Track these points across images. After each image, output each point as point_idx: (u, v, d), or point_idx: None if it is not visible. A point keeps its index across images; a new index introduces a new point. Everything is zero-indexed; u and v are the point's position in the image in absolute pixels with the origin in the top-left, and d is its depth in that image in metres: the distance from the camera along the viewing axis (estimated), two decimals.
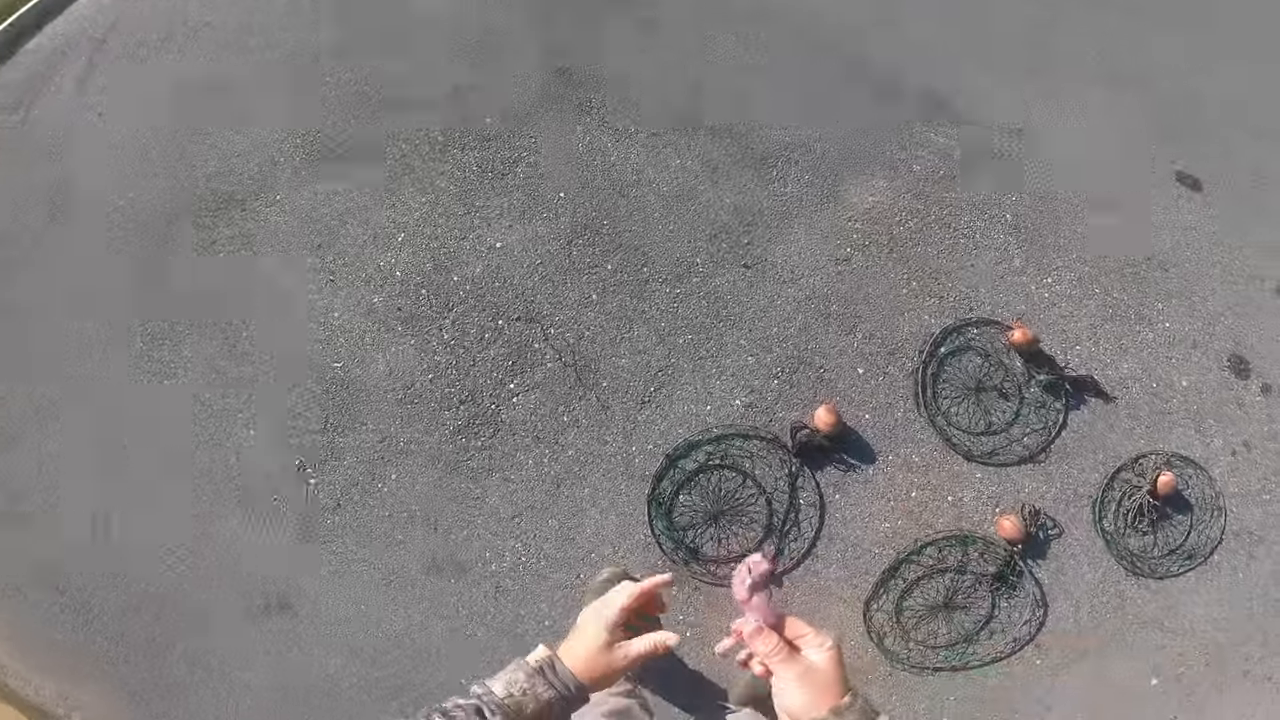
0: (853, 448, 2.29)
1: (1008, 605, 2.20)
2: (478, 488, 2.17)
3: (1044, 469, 2.28)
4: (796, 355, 2.34)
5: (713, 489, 2.21)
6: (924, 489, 2.27)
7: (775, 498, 2.22)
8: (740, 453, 2.24)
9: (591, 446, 2.21)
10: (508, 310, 2.30)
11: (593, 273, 2.36)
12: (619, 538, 2.18)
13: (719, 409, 2.29)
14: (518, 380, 2.26)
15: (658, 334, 2.32)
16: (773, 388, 2.31)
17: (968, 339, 2.33)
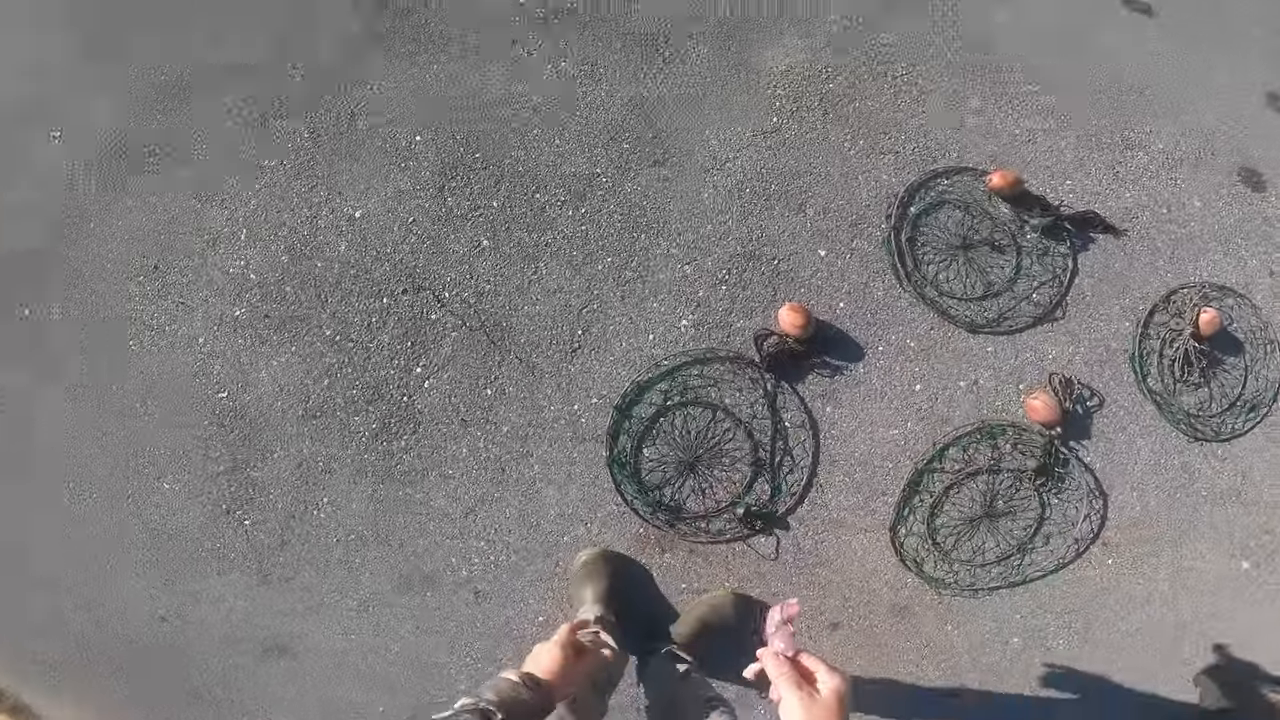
0: (833, 346, 1.84)
1: (1059, 502, 1.82)
2: (418, 492, 1.87)
3: (1065, 327, 1.83)
4: (742, 251, 1.85)
5: (679, 433, 1.83)
6: (929, 379, 1.83)
7: (755, 427, 1.83)
8: (701, 382, 1.83)
9: (527, 416, 1.85)
10: (389, 285, 1.87)
11: (477, 216, 1.87)
12: (588, 512, 1.86)
13: (664, 336, 1.85)
14: (424, 362, 1.87)
15: (570, 266, 1.86)
16: (721, 296, 1.85)
17: (939, 192, 1.83)
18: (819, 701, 0.79)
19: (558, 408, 1.85)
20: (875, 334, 1.88)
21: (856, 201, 1.89)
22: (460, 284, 1.86)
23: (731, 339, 1.86)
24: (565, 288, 1.86)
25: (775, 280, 1.88)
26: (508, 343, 1.85)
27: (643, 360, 1.86)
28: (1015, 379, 1.86)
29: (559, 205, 1.88)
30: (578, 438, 1.84)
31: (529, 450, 1.84)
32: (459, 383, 1.85)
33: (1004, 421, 1.83)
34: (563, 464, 1.84)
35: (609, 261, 1.87)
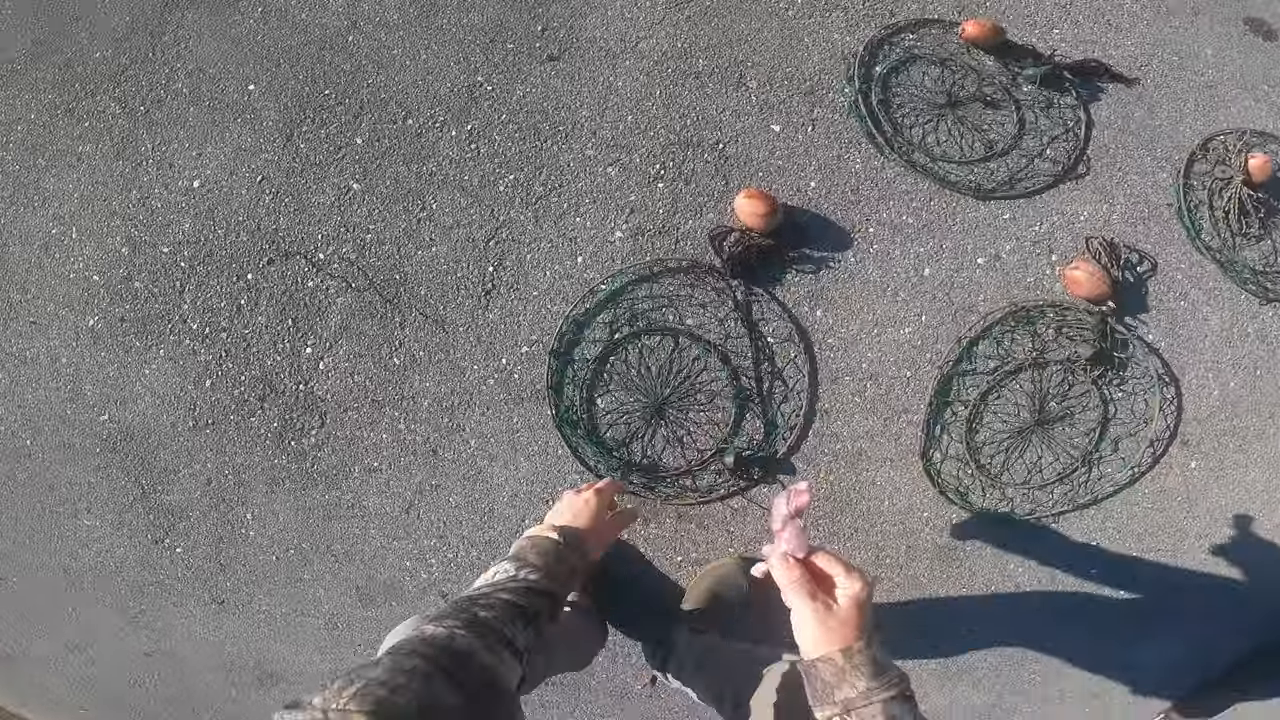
0: (811, 235, 1.40)
1: (1124, 395, 1.39)
2: (345, 493, 1.54)
3: (1093, 184, 1.42)
4: (676, 139, 1.41)
5: (638, 373, 1.42)
6: (939, 259, 1.38)
7: (731, 349, 1.40)
8: (653, 304, 1.40)
9: (448, 383, 1.47)
10: (251, 258, 1.48)
11: (340, 158, 1.46)
12: (546, 488, 1.50)
13: (595, 255, 1.42)
14: (312, 340, 1.49)
15: (465, 193, 1.43)
16: (659, 196, 1.40)
17: (906, 48, 1.42)
18: (835, 612, 0.64)
19: (482, 366, 1.46)
20: (861, 214, 1.43)
21: (806, 67, 1.44)
22: (335, 239, 1.46)
23: (681, 245, 1.42)
24: (463, 220, 1.44)
25: (724, 167, 1.41)
26: (406, 298, 1.46)
27: (574, 289, 1.43)
28: (1045, 248, 1.43)
29: (438, 128, 1.45)
30: (514, 399, 1.46)
31: (459, 424, 1.47)
32: (359, 357, 1.48)
33: (1041, 302, 1.39)
34: (503, 434, 1.47)
35: (511, 180, 1.43)
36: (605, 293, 1.41)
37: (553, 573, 0.76)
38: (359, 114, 1.48)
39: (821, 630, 0.63)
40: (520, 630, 0.68)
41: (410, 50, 1.48)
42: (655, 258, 1.43)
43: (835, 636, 0.63)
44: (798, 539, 0.69)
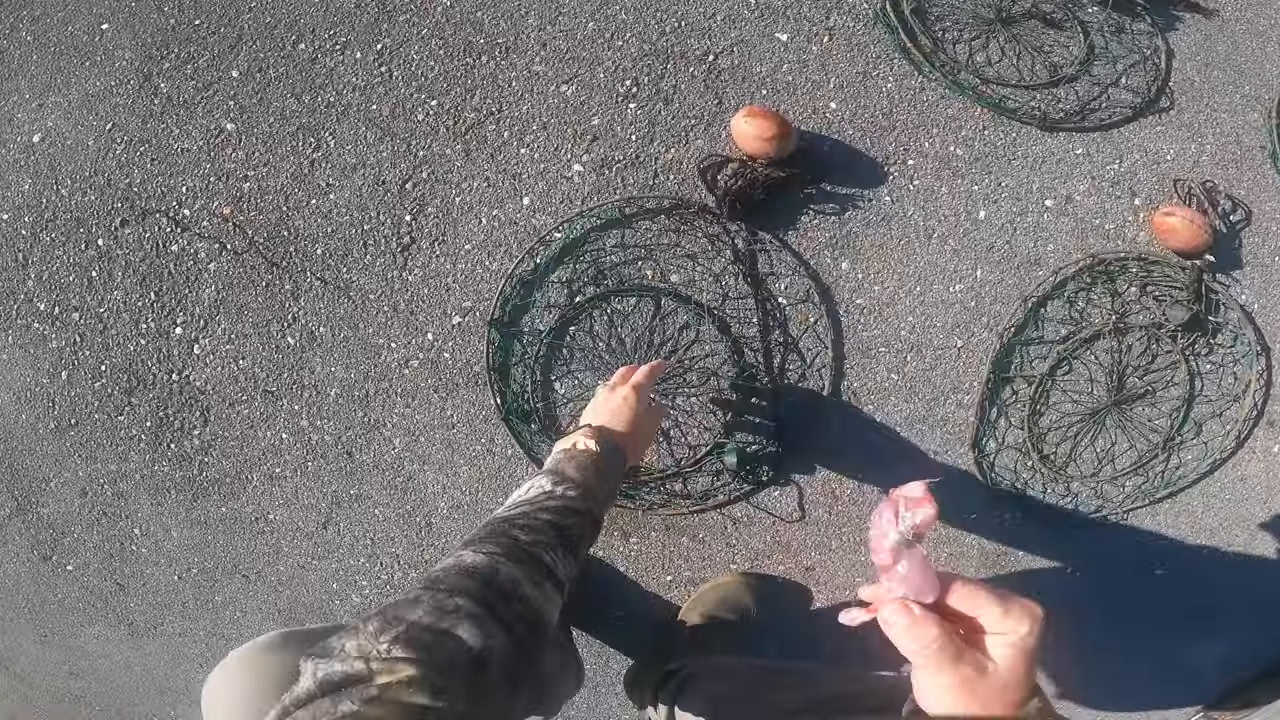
0: (834, 167, 1.02)
1: (1212, 367, 1.09)
2: (247, 505, 1.21)
3: (1178, 119, 1.09)
4: (651, 49, 1.05)
5: (607, 346, 1.06)
6: (997, 200, 1.04)
7: (731, 313, 1.03)
8: (625, 255, 1.03)
9: (359, 367, 1.11)
10: (102, 219, 1.11)
11: (210, 96, 1.09)
12: (494, 495, 1.17)
13: (547, 195, 1.05)
14: (183, 317, 1.13)
15: (374, 126, 1.05)
16: (631, 119, 1.04)
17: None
18: (993, 675, 0.38)
19: (402, 344, 1.09)
20: (898, 143, 1.06)
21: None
22: (204, 192, 1.08)
23: (661, 181, 1.03)
24: (370, 158, 1.05)
25: (716, 84, 1.02)
26: (298, 260, 1.08)
27: (519, 239, 1.06)
28: (1126, 190, 1.09)
29: (337, 50, 1.06)
30: (446, 385, 1.10)
31: (377, 419, 1.12)
32: (243, 337, 1.11)
33: (1124, 254, 1.06)
34: (435, 431, 1.12)
35: (433, 107, 1.04)
36: (560, 242, 1.03)
37: (592, 491, 0.64)
38: (236, 44, 1.08)
39: (971, 701, 0.40)
40: (560, 558, 0.57)
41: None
42: (627, 196, 1.04)
43: (995, 704, 0.41)
44: (923, 576, 0.40)
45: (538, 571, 0.54)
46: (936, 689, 0.39)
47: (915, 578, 0.39)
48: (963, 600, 0.39)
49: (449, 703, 0.42)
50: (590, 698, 1.23)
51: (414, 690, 0.41)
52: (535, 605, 0.52)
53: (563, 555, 0.57)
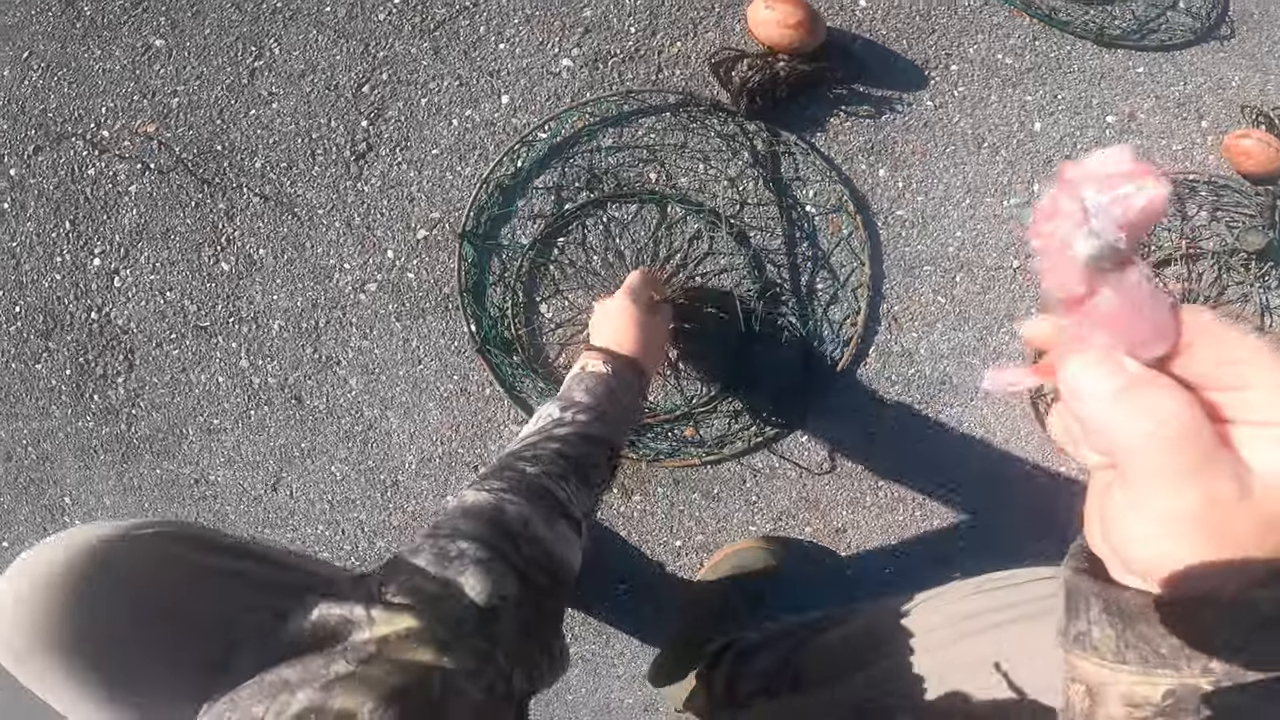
0: (868, 66, 0.84)
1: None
2: (185, 465, 1.01)
3: (1239, 47, 0.94)
4: None
5: (603, 260, 0.87)
6: (1055, 112, 0.90)
7: (751, 221, 0.84)
8: (624, 158, 0.85)
9: (306, 293, 0.92)
10: (14, 147, 0.95)
11: (137, 12, 0.92)
12: (474, 448, 0.97)
13: (530, 93, 0.88)
14: (101, 246, 0.94)
15: (326, 29, 0.90)
16: (630, 8, 0.91)
17: None
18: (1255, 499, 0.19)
19: (356, 264, 0.90)
20: (939, 47, 0.89)
21: None
22: (125, 111, 0.90)
23: (665, 77, 0.85)
24: (322, 61, 0.87)
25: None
26: (232, 176, 0.89)
27: (496, 141, 0.86)
28: (1193, 112, 0.94)
29: None
30: (411, 311, 0.90)
31: (329, 355, 0.92)
32: (169, 265, 0.92)
33: (1194, 174, 0.92)
34: (399, 365, 0.92)
35: (396, 5, 0.86)
36: (547, 142, 0.84)
37: (606, 414, 0.56)
38: None
39: (1220, 541, 0.20)
40: (574, 491, 0.48)
41: None
42: (624, 89, 0.85)
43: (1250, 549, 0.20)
44: (1147, 311, 0.20)
45: (549, 507, 0.46)
46: (1158, 516, 0.21)
47: (1129, 316, 0.20)
48: (1214, 356, 0.21)
49: (456, 660, 0.35)
50: (589, 680, 1.02)
51: (416, 646, 0.35)
52: (549, 548, 0.44)
53: (575, 488, 0.49)
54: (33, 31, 0.93)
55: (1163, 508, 0.21)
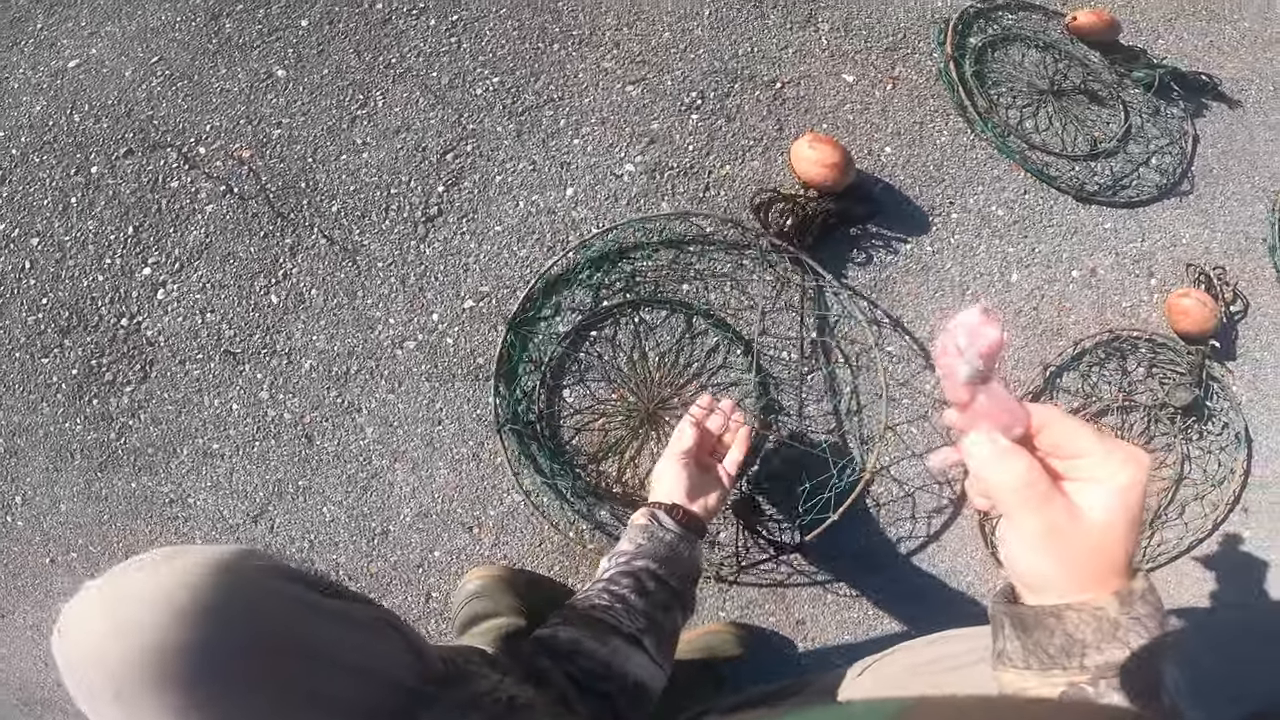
0: (884, 208, 0.98)
1: (1201, 452, 1.02)
2: (166, 483, 0.92)
3: (1195, 204, 1.09)
4: (722, 68, 0.97)
5: (628, 360, 0.89)
6: (1030, 265, 0.99)
7: (771, 342, 0.89)
8: (665, 268, 0.88)
9: (345, 340, 0.90)
10: (106, 146, 0.92)
11: (272, 40, 0.95)
12: (472, 509, 0.92)
13: (593, 189, 0.92)
14: (157, 257, 0.91)
15: (429, 93, 0.93)
16: (692, 129, 0.94)
17: (1005, 27, 1.09)
18: (1087, 524, 0.31)
19: (401, 321, 0.90)
20: (944, 195, 0.99)
21: (890, 21, 1.04)
22: (228, 132, 0.91)
23: (712, 195, 0.93)
24: (417, 122, 0.91)
25: (780, 110, 0.95)
26: (308, 214, 0.90)
27: (555, 230, 0.91)
28: (1145, 270, 1.04)
29: (413, 15, 0.95)
30: (442, 374, 0.89)
31: (352, 401, 0.89)
32: (220, 288, 0.90)
33: (1137, 332, 1.00)
34: (418, 423, 0.89)
35: (494, 84, 0.92)
36: (599, 249, 0.89)
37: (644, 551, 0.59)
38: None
39: (1060, 554, 0.31)
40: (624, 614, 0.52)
41: None
42: (682, 211, 0.93)
43: (1094, 567, 0.31)
44: (1005, 407, 0.32)
45: (601, 629, 0.51)
46: (1022, 539, 0.32)
47: (998, 410, 0.31)
48: (1059, 434, 0.31)
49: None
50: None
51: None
52: (605, 659, 0.49)
53: (625, 611, 0.53)
54: (171, 38, 0.93)
55: (1024, 531, 0.31)
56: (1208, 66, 1.19)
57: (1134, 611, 0.31)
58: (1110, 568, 0.31)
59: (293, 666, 0.32)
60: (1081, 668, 0.31)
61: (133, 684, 0.29)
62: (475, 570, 0.86)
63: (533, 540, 0.88)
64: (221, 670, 0.30)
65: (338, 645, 0.35)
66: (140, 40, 0.94)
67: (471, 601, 0.80)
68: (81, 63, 0.96)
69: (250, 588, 0.33)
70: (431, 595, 0.89)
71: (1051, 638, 0.32)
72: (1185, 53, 1.20)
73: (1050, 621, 0.32)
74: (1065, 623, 0.32)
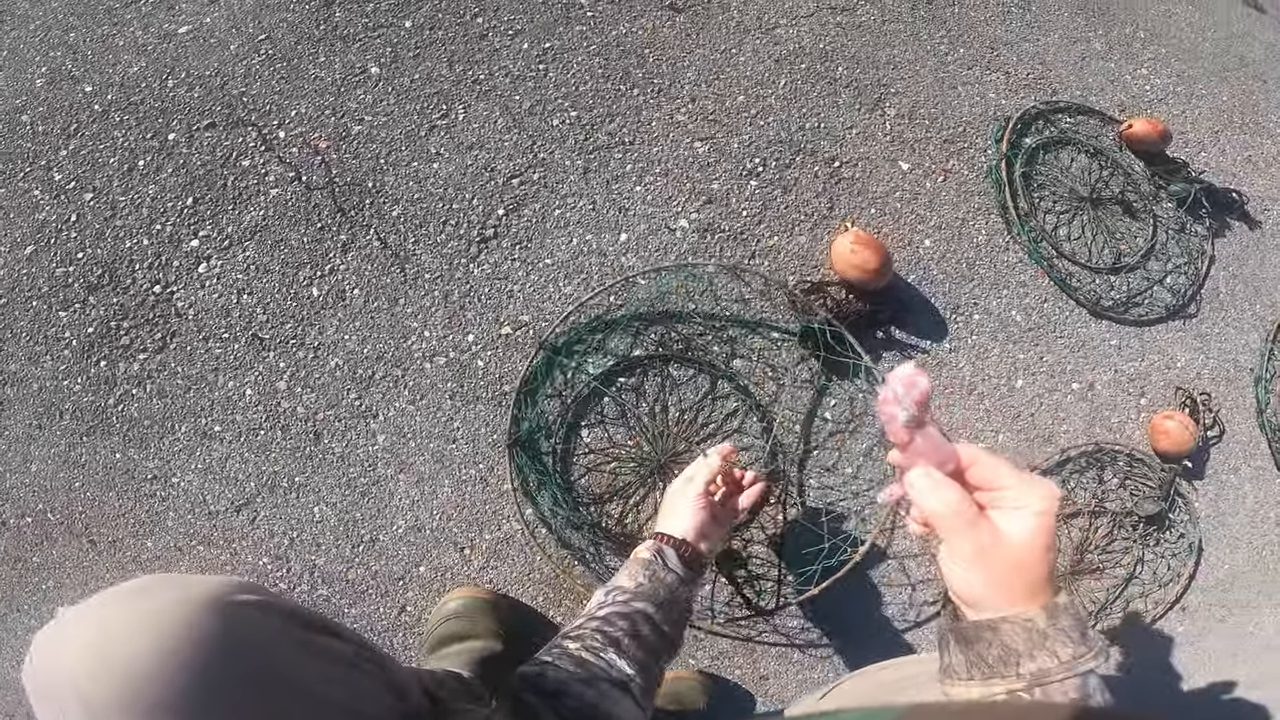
0: (913, 305, 0.95)
1: (1155, 556, 1.01)
2: (153, 458, 0.82)
3: (1197, 329, 1.09)
4: (787, 139, 0.96)
5: (650, 411, 0.85)
6: (1036, 373, 0.98)
7: (787, 412, 0.86)
8: (700, 326, 0.86)
9: (377, 344, 0.84)
10: (190, 115, 0.88)
11: (374, 37, 0.93)
12: (467, 529, 0.83)
13: (645, 238, 0.90)
14: (209, 230, 0.86)
15: (509, 115, 0.90)
16: (749, 194, 0.93)
17: (1062, 130, 1.10)
18: (1010, 545, 0.34)
19: (437, 335, 0.85)
20: (970, 295, 0.98)
21: (954, 114, 1.05)
22: (312, 120, 0.88)
23: (757, 261, 0.93)
24: (491, 142, 0.90)
25: (834, 188, 0.97)
26: (368, 214, 0.87)
27: (602, 271, 0.89)
28: (1138, 389, 1.05)
29: (509, 35, 0.94)
30: (467, 394, 0.84)
31: (370, 406, 0.82)
32: (264, 272, 0.85)
33: (1120, 447, 1.00)
34: (432, 438, 0.83)
35: (572, 117, 0.92)
36: (645, 300, 0.87)
37: (644, 591, 0.55)
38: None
39: (988, 572, 0.35)
40: (617, 657, 0.49)
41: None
42: (729, 261, 0.92)
43: (1019, 583, 0.35)
44: (938, 447, 0.37)
45: (589, 673, 0.48)
46: (956, 560, 0.35)
47: (932, 450, 0.37)
48: (984, 470, 0.36)
49: None
50: None
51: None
52: (592, 701, 0.46)
53: (618, 654, 0.50)
54: (282, 18, 0.88)
55: (957, 552, 0.34)
56: (1240, 182, 1.20)
57: (1059, 623, 0.34)
58: (1035, 583, 0.34)
59: (280, 703, 0.31)
60: (1018, 675, 0.34)
61: (113, 718, 0.26)
62: (459, 590, 0.77)
63: (523, 568, 0.80)
64: (207, 704, 0.28)
65: (325, 682, 0.33)
66: (255, 16, 0.91)
67: (449, 621, 0.72)
68: (193, 29, 0.93)
69: (239, 621, 0.31)
70: (407, 609, 0.79)
71: (990, 649, 0.34)
72: (1224, 167, 1.22)
73: (988, 634, 0.35)
74: (1001, 634, 0.34)
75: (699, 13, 0.97)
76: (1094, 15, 1.24)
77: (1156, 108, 1.20)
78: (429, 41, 0.91)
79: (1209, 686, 1.08)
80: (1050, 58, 1.17)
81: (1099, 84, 1.18)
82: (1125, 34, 1.25)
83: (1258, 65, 1.38)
